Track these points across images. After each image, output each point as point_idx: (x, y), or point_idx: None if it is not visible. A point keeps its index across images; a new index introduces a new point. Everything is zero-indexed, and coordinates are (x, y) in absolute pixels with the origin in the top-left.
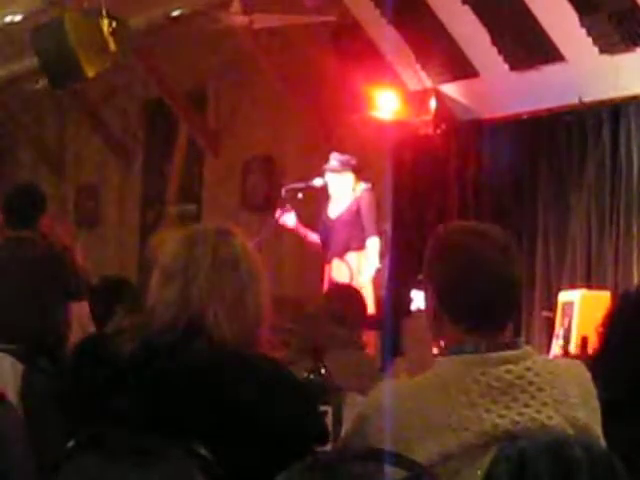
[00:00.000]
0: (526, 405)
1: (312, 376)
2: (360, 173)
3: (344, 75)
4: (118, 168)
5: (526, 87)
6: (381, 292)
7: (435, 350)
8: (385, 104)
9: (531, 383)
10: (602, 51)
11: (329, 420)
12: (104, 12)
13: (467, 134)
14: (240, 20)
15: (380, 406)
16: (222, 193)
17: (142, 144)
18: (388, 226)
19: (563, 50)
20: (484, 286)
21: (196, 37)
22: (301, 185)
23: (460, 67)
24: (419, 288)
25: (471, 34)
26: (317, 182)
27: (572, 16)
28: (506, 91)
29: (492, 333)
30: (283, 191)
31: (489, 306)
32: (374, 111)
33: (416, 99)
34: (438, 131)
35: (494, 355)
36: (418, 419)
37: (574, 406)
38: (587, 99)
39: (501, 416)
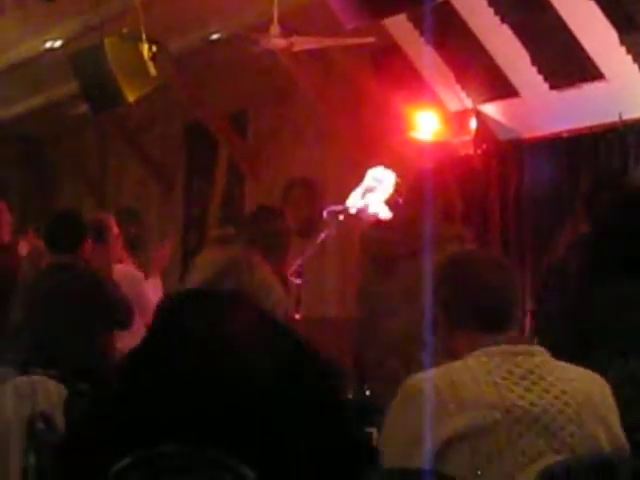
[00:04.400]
0: (546, 391)
1: (356, 397)
2: (397, 186)
3: (384, 97)
4: (159, 192)
5: (566, 106)
6: None
7: None
8: (425, 125)
9: (550, 372)
10: None
11: (374, 441)
12: (144, 36)
13: (508, 154)
14: (279, 43)
15: (415, 389)
16: None
17: (183, 168)
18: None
19: (603, 68)
20: (483, 290)
21: (235, 60)
22: (342, 207)
23: (500, 87)
24: None
25: (510, 54)
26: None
27: (612, 34)
28: (546, 110)
29: (503, 329)
30: (324, 213)
31: (492, 307)
32: (414, 132)
33: (456, 119)
34: (479, 151)
35: (513, 347)
36: (448, 397)
37: (594, 399)
38: (627, 117)
39: (521, 397)
